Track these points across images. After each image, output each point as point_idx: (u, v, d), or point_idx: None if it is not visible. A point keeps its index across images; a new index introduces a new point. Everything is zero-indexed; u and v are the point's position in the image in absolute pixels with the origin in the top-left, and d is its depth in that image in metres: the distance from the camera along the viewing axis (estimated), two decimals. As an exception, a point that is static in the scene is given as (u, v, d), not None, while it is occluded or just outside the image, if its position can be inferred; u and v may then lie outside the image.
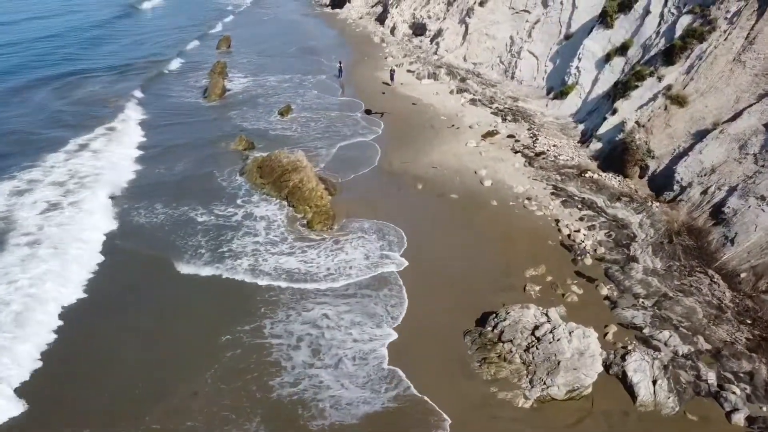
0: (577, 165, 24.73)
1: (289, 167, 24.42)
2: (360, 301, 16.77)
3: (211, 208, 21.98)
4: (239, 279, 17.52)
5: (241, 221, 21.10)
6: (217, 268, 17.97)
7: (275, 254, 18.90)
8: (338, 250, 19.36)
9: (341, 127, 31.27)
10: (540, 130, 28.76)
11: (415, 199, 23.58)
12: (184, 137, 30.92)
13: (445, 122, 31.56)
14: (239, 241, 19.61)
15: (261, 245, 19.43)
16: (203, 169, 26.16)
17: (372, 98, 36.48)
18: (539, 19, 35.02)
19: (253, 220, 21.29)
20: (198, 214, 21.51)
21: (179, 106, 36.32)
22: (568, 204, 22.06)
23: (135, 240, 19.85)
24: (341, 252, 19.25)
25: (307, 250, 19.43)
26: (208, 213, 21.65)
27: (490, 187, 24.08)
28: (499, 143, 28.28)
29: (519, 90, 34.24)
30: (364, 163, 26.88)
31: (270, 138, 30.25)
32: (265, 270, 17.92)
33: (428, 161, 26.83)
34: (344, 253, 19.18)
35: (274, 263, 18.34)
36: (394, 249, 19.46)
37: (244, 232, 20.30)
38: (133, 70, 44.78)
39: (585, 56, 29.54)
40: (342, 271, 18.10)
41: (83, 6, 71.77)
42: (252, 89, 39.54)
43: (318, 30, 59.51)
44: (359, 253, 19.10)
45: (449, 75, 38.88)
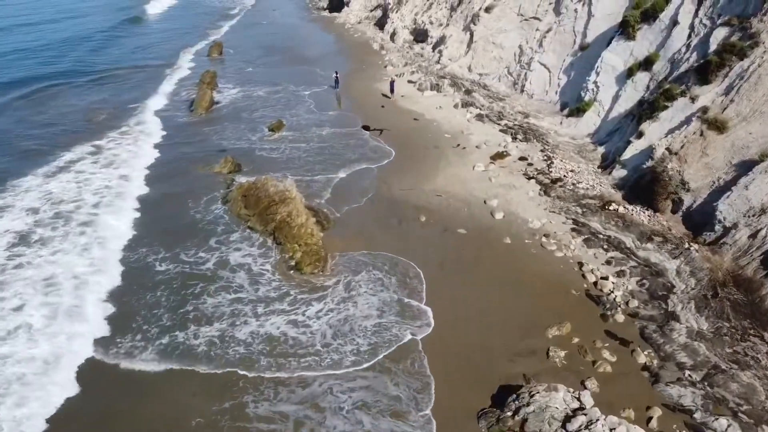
0: (599, 195, 22.08)
1: (276, 198, 21.80)
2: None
3: (177, 251, 19.13)
4: (202, 369, 14.07)
5: (214, 271, 17.94)
6: (170, 356, 14.40)
7: (255, 316, 15.83)
8: (332, 304, 16.70)
9: (336, 147, 28.62)
10: (555, 152, 26.12)
11: (418, 235, 20.94)
12: (160, 157, 28.43)
13: (449, 141, 28.92)
14: (212, 300, 16.50)
15: (241, 301, 16.50)
16: (176, 198, 23.52)
17: (370, 112, 33.87)
18: (551, 27, 32.40)
19: (230, 270, 18.12)
20: (158, 259, 18.69)
21: (162, 121, 33.76)
22: (591, 243, 19.42)
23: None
24: (336, 306, 16.56)
25: (297, 303, 16.73)
26: (172, 258, 18.71)
27: (502, 221, 21.44)
28: (510, 167, 25.64)
29: (530, 105, 31.60)
30: (360, 190, 24.24)
31: (258, 159, 27.64)
32: (238, 339, 14.75)
33: (432, 188, 24.20)
34: (340, 308, 16.47)
35: (254, 328, 15.32)
36: (397, 307, 16.69)
37: (219, 285, 17.25)
38: (119, 79, 42.37)
39: (604, 70, 26.91)
40: (341, 346, 14.87)
41: (82, 13, 69.25)
42: (242, 101, 36.93)
43: (315, 35, 56.88)
44: (358, 310, 16.36)
45: (453, 86, 36.25)
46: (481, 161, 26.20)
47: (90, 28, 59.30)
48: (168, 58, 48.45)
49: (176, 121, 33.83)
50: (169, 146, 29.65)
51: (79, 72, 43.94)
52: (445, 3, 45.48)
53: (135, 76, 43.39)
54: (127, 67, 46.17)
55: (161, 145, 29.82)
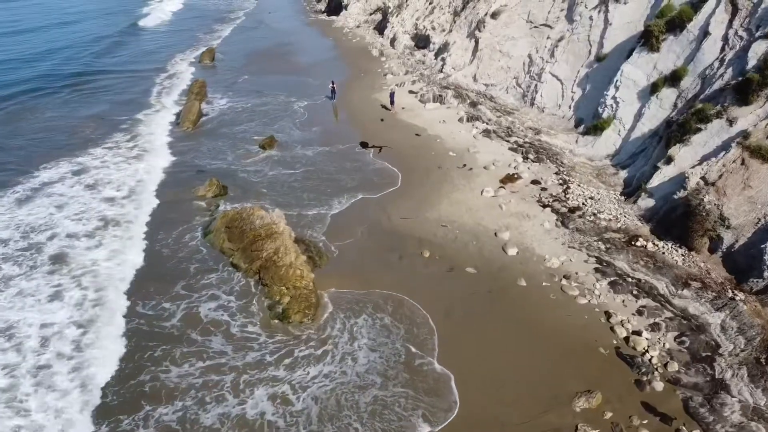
0: (624, 228, 19.72)
1: (263, 232, 19.45)
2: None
3: (135, 301, 16.66)
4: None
5: (182, 329, 15.23)
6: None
7: (231, 388, 13.24)
8: (324, 365, 14.35)
9: (331, 170, 26.22)
10: (571, 175, 23.76)
11: (421, 274, 18.59)
12: (139, 177, 26.19)
13: (454, 160, 26.57)
14: (177, 370, 13.85)
15: (215, 368, 13.88)
16: (149, 227, 21.19)
17: (369, 126, 31.53)
18: (563, 36, 30.04)
19: (201, 330, 15.35)
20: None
21: (147, 135, 31.44)
22: (619, 287, 17.05)
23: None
24: (329, 370, 14.19)
25: (282, 366, 14.34)
26: (128, 311, 16.10)
27: (515, 258, 19.08)
28: (521, 191, 23.29)
29: (541, 120, 29.25)
30: (357, 219, 21.91)
31: (246, 182, 25.30)
32: (204, 425, 12.02)
33: (436, 216, 21.86)
34: (334, 371, 14.11)
35: (227, 408, 12.65)
36: (404, 373, 14.32)
37: (188, 349, 14.58)
38: (105, 87, 39.99)
39: (624, 84, 24.55)
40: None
41: (73, 19, 66.90)
42: (231, 114, 34.59)
43: (311, 40, 54.53)
44: (356, 374, 13.99)
45: (457, 98, 33.89)
46: (490, 185, 23.85)
47: (79, 33, 57.08)
48: (158, 65, 46.17)
49: (161, 136, 31.55)
50: (151, 165, 27.44)
51: (57, 77, 41.73)
52: (447, 8, 43.13)
53: (123, 83, 41.13)
54: (115, 72, 43.92)
55: (142, 162, 27.63)
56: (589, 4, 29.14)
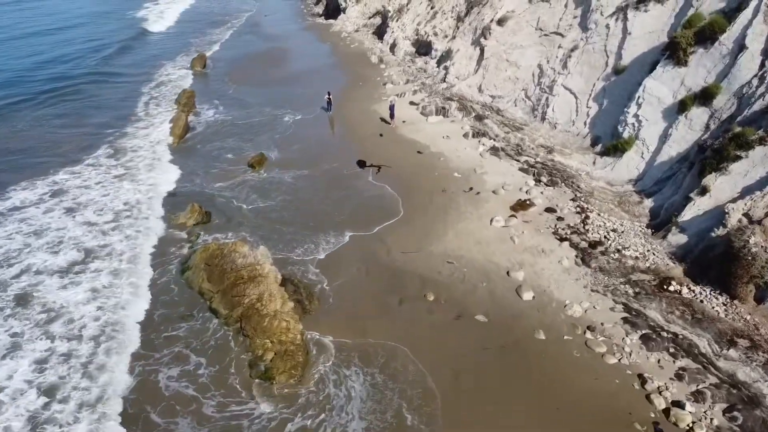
0: (653, 269, 17.47)
1: (245, 273, 17.23)
2: None
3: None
4: None
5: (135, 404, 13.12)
6: None
7: None
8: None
9: (326, 192, 23.98)
10: (589, 202, 21.51)
11: (425, 322, 16.38)
12: (107, 197, 24.31)
13: (460, 183, 24.32)
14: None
15: None
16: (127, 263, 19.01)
17: (367, 142, 29.29)
18: (577, 45, 27.78)
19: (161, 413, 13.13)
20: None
21: (129, 151, 29.27)
22: (653, 344, 14.80)
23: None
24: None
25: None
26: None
27: (531, 304, 16.83)
28: (535, 221, 21.04)
29: (553, 136, 26.99)
30: (353, 253, 19.70)
31: (231, 208, 23.07)
32: None
33: (441, 250, 19.62)
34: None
35: None
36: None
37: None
38: (88, 95, 37.73)
39: (647, 101, 22.30)
40: None
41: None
42: (220, 128, 32.34)
43: (308, 46, 52.22)
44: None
45: (462, 111, 31.63)
46: (500, 213, 21.60)
47: (64, 36, 54.81)
48: (147, 72, 43.88)
49: (146, 152, 29.39)
50: (135, 186, 25.49)
51: (36, 82, 39.56)
52: (450, 12, 40.86)
53: (107, 92, 38.91)
54: (100, 79, 41.66)
55: (125, 182, 25.76)
56: (605, 12, 26.89)
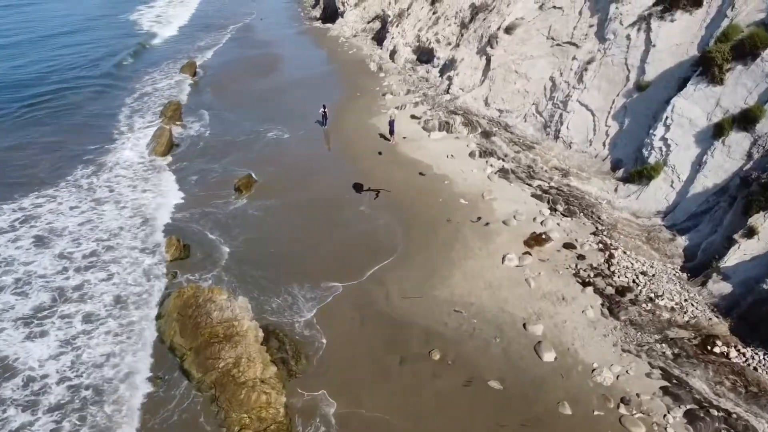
0: (694, 324, 15.13)
1: (221, 331, 14.91)
2: None
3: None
4: None
5: None
6: None
7: None
8: None
9: (319, 223, 21.64)
10: (612, 236, 19.18)
11: (429, 389, 14.09)
12: (84, 226, 22.08)
13: (467, 211, 21.98)
14: None
15: None
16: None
17: (364, 161, 26.97)
18: (593, 57, 25.43)
19: None
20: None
21: (109, 170, 27.05)
22: (700, 424, 12.44)
23: None
24: None
25: None
26: None
27: (553, 366, 14.50)
28: (553, 258, 18.70)
29: (568, 157, 24.64)
30: (348, 298, 17.37)
31: (211, 242, 20.74)
32: None
33: (447, 295, 17.29)
34: None
35: None
36: None
37: None
38: (67, 106, 35.48)
39: (676, 123, 19.96)
40: None
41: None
42: (207, 143, 30.12)
43: (304, 51, 49.91)
44: None
45: (467, 126, 29.31)
46: (513, 248, 19.27)
47: (47, 40, 52.50)
48: (132, 79, 41.66)
49: (126, 170, 27.18)
50: (111, 211, 23.42)
51: (16, 86, 37.40)
52: (453, 18, 38.51)
53: (88, 102, 36.90)
54: (81, 87, 39.41)
55: (103, 206, 23.86)
56: (625, 21, 24.53)
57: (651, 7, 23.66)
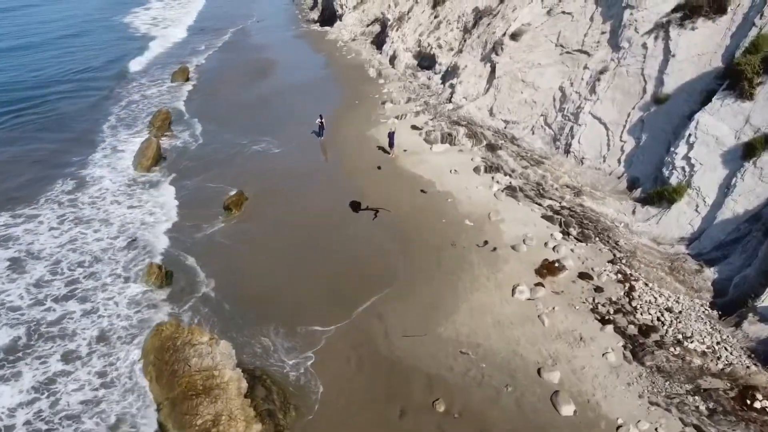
0: (729, 372, 13.54)
1: (199, 381, 13.35)
2: None
3: None
4: None
5: None
6: None
7: None
8: None
9: (311, 246, 20.01)
10: (632, 265, 17.59)
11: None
12: (65, 248, 20.64)
13: (472, 233, 20.40)
14: None
15: None
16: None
17: (362, 177, 25.39)
18: (606, 66, 23.85)
19: None
20: None
21: (88, 185, 25.51)
22: (745, 498, 10.90)
23: None
24: None
25: None
26: None
27: (573, 421, 12.91)
28: (567, 290, 17.11)
29: (580, 174, 23.06)
30: (343, 336, 15.77)
31: (193, 269, 19.16)
32: None
33: (452, 334, 15.70)
34: None
35: None
36: None
37: None
38: (49, 110, 33.79)
39: (701, 141, 18.39)
40: None
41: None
42: (197, 156, 28.57)
43: (301, 56, 48.32)
44: None
45: (471, 138, 27.73)
46: (524, 277, 17.69)
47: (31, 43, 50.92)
48: (121, 85, 40.05)
49: (109, 184, 25.70)
50: (92, 232, 22.09)
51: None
52: (456, 23, 36.92)
53: (72, 110, 35.44)
54: (64, 94, 37.85)
55: (81, 227, 22.53)
56: (640, 28, 22.95)
57: (669, 13, 22.09)
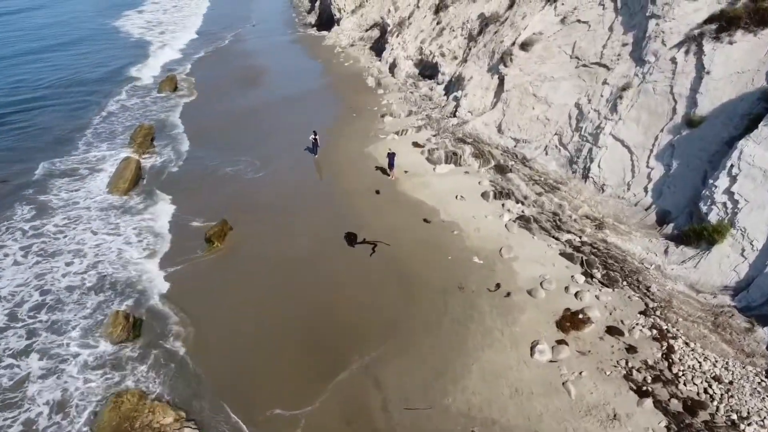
0: (800, 469, 11.24)
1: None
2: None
3: None
4: None
5: None
6: None
7: None
8: None
9: (299, 290, 17.59)
10: (668, 318, 15.24)
11: None
12: (25, 288, 18.52)
13: (482, 273, 18.05)
14: None
15: None
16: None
17: (358, 202, 23.08)
18: (629, 83, 21.51)
19: None
20: None
21: (61, 208, 23.19)
22: None
23: None
24: None
25: None
26: None
27: None
28: (595, 349, 14.75)
29: (601, 203, 20.71)
30: (332, 406, 13.40)
31: (165, 314, 16.82)
32: None
33: (462, 406, 13.36)
34: None
35: None
36: None
37: None
38: (18, 131, 31.38)
39: (745, 173, 16.04)
40: None
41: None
42: (179, 177, 26.33)
43: (296, 63, 45.96)
44: None
45: (478, 158, 25.41)
46: (543, 332, 15.35)
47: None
48: (102, 93, 37.66)
49: (81, 211, 23.35)
50: (52, 270, 19.69)
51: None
52: (460, 30, 34.57)
53: (46, 120, 33.02)
54: (39, 101, 35.53)
55: (40, 258, 19.97)
56: (668, 40, 20.60)
57: (702, 24, 19.74)
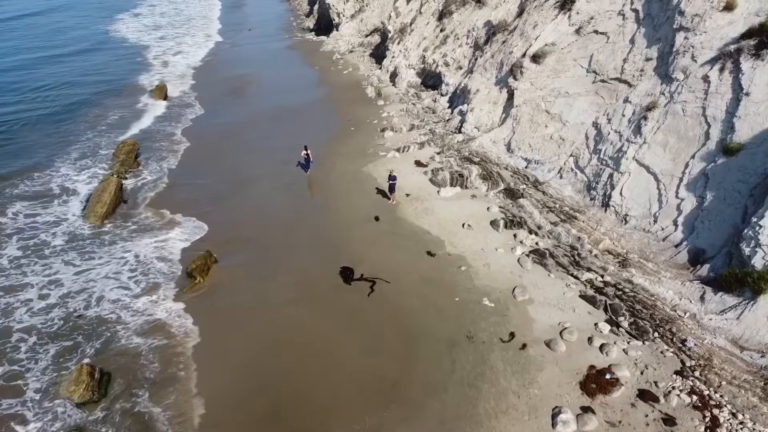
0: None
1: None
2: None
3: None
4: None
5: None
6: None
7: None
8: None
9: (286, 340, 15.51)
10: (709, 380, 13.25)
11: None
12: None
13: (493, 319, 16.06)
14: None
15: None
16: None
17: (356, 231, 21.12)
18: (655, 102, 19.52)
19: None
20: None
21: (27, 236, 21.21)
22: None
23: None
24: None
25: None
26: None
27: None
28: (627, 421, 12.73)
29: (624, 236, 18.70)
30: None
31: (140, 367, 14.85)
32: None
33: (474, 494, 11.37)
34: None
35: None
36: None
37: None
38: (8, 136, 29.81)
39: (795, 212, 14.07)
40: None
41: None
42: (163, 199, 24.47)
43: (292, 70, 43.98)
44: None
45: (486, 180, 23.44)
46: (565, 396, 13.37)
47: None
48: (88, 107, 35.71)
49: (53, 239, 21.43)
50: (22, 300, 17.73)
51: None
52: (465, 38, 32.58)
53: (27, 137, 30.78)
54: (25, 116, 33.54)
55: (9, 292, 17.87)
56: (699, 56, 18.62)
57: (738, 39, 17.74)
